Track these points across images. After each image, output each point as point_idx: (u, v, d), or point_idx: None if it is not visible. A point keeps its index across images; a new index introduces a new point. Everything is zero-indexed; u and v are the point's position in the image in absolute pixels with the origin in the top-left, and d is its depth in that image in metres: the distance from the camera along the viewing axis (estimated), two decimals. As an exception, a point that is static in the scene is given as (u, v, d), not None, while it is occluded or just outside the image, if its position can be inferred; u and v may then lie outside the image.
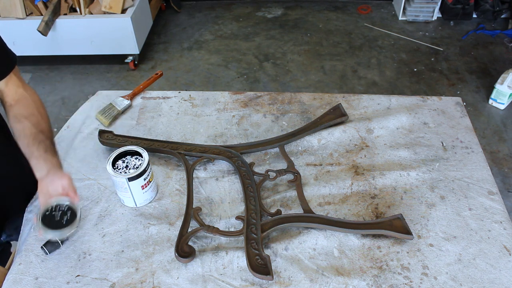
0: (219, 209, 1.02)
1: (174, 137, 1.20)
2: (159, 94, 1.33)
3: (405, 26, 3.31)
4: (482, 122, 2.54)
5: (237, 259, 0.92)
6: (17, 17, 2.75)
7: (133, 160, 1.00)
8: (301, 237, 0.95)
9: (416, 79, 2.84)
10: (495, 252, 0.92)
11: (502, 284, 0.87)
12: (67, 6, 2.79)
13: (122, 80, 2.92)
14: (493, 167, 2.27)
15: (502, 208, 1.00)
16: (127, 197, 1.00)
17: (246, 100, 1.30)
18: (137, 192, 0.99)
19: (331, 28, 3.32)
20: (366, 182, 1.07)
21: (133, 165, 0.98)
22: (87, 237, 0.97)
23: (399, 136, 1.18)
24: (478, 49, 3.08)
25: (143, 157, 0.99)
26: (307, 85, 2.82)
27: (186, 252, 0.91)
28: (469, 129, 1.20)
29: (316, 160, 1.13)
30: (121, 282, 0.88)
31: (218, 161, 1.13)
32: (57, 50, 2.90)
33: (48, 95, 2.84)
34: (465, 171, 1.09)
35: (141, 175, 0.97)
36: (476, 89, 2.76)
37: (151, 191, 1.02)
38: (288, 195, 1.05)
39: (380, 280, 0.88)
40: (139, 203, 1.02)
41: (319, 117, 1.21)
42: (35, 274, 0.90)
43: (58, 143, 1.21)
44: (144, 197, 1.01)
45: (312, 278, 0.88)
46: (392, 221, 0.95)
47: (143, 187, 0.99)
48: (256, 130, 1.22)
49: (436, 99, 1.30)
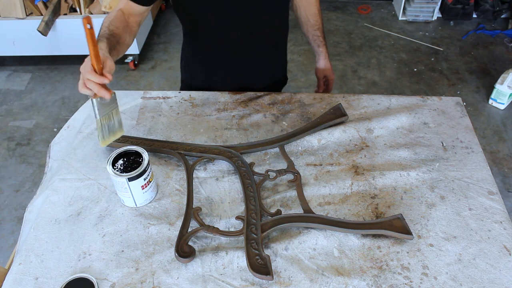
0: (219, 209, 1.02)
1: (174, 137, 1.20)
2: (159, 94, 1.33)
3: (405, 26, 3.31)
4: (482, 122, 2.54)
5: (237, 259, 0.92)
6: (17, 17, 2.75)
7: (133, 160, 1.00)
8: (301, 237, 0.95)
9: (416, 79, 2.84)
10: (495, 252, 0.92)
11: (502, 284, 0.87)
12: (67, 6, 2.79)
13: (122, 80, 2.92)
14: (493, 167, 2.27)
15: (502, 208, 1.00)
16: (127, 197, 1.00)
17: (246, 100, 1.30)
18: (137, 192, 0.99)
19: (331, 28, 3.32)
20: (366, 182, 1.07)
21: (133, 165, 0.98)
22: (87, 237, 0.97)
23: (399, 136, 1.18)
24: (478, 49, 3.08)
25: (143, 157, 0.99)
26: (307, 85, 2.82)
27: (186, 252, 0.91)
28: (469, 129, 1.20)
29: (316, 160, 1.13)
30: (121, 282, 0.88)
31: (218, 161, 1.13)
32: (57, 50, 2.90)
33: (48, 95, 2.84)
34: (465, 171, 1.09)
35: (141, 175, 0.97)
36: (476, 89, 2.77)
37: (151, 191, 1.03)
38: (288, 195, 1.05)
39: (380, 280, 0.88)
40: (139, 203, 1.02)
41: (319, 117, 1.21)
42: (35, 274, 0.90)
43: (58, 143, 1.21)
44: (144, 197, 1.01)
45: (312, 278, 0.88)
46: (392, 221, 0.95)
47: (143, 187, 0.99)
48: (256, 130, 1.22)
49: (436, 99, 1.30)
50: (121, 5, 1.17)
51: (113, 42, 1.06)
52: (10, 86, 2.92)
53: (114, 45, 1.06)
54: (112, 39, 1.06)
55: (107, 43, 1.03)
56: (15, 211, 2.15)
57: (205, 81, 1.40)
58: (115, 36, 1.08)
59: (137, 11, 1.19)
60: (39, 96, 2.83)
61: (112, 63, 0.97)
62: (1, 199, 2.21)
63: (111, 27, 1.09)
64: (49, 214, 1.01)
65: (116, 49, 1.07)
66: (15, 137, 2.55)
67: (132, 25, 1.19)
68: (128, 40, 1.15)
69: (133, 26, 1.19)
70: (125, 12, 1.17)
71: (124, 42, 1.12)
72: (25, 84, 2.94)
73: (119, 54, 1.09)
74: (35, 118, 2.67)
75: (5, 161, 2.41)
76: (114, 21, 1.11)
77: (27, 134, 2.57)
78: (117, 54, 1.08)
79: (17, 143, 2.51)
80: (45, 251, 0.94)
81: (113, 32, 1.08)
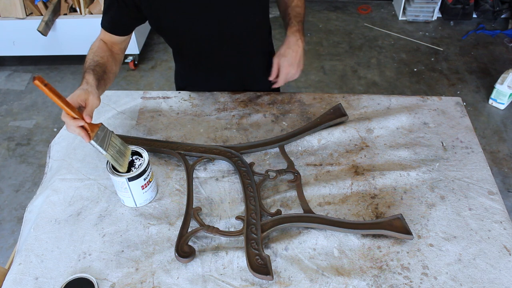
0: (219, 209, 1.02)
1: (174, 137, 1.20)
2: (159, 94, 1.33)
3: (405, 26, 3.31)
4: (482, 122, 2.54)
5: (237, 259, 0.92)
6: (17, 17, 2.75)
7: (133, 160, 1.00)
8: (301, 237, 0.95)
9: (416, 79, 2.84)
10: (495, 252, 0.92)
11: (502, 284, 0.87)
12: (67, 6, 2.79)
13: (122, 80, 2.93)
14: (493, 167, 2.27)
15: (502, 208, 1.00)
16: (127, 197, 1.00)
17: (246, 100, 1.30)
18: (137, 192, 0.99)
19: (331, 28, 3.32)
20: (366, 182, 1.07)
21: (133, 165, 0.98)
22: (87, 237, 0.97)
23: (399, 136, 1.18)
24: (478, 49, 3.08)
25: (143, 157, 0.99)
26: (307, 85, 2.82)
27: (186, 252, 0.91)
28: (469, 129, 1.20)
29: (316, 160, 1.13)
30: (121, 282, 0.88)
31: (218, 161, 1.13)
32: (57, 50, 2.90)
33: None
34: (465, 171, 1.09)
35: (141, 175, 0.97)
36: (476, 89, 2.76)
37: (151, 191, 1.03)
38: (288, 195, 1.05)
39: (380, 280, 0.88)
40: (139, 203, 1.02)
41: (319, 117, 1.21)
42: (35, 274, 0.90)
43: (58, 143, 1.21)
44: (144, 197, 1.01)
45: (312, 278, 0.88)
46: (392, 221, 0.95)
47: (143, 187, 0.99)
48: (256, 130, 1.22)
49: (436, 99, 1.30)
50: (101, 35, 1.19)
51: (99, 72, 1.07)
52: (10, 86, 2.92)
53: (101, 75, 1.07)
54: (98, 70, 1.07)
55: (93, 75, 1.04)
56: (15, 211, 2.15)
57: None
58: (101, 66, 1.09)
59: (119, 40, 1.19)
60: (39, 96, 2.83)
61: (94, 99, 0.97)
62: (1, 199, 2.21)
63: (95, 58, 1.10)
64: (49, 214, 1.01)
65: (103, 79, 1.08)
66: (15, 137, 2.55)
67: (116, 53, 1.20)
68: (114, 68, 1.16)
69: (117, 53, 1.20)
70: (107, 42, 1.18)
71: (111, 71, 1.13)
72: (25, 84, 2.94)
73: (106, 84, 1.10)
74: (35, 118, 2.67)
75: (5, 161, 2.41)
76: (98, 51, 1.12)
77: (27, 134, 2.57)
78: (104, 84, 1.08)
79: (17, 143, 2.51)
80: (45, 251, 0.94)
81: (98, 62, 1.09)
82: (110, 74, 1.13)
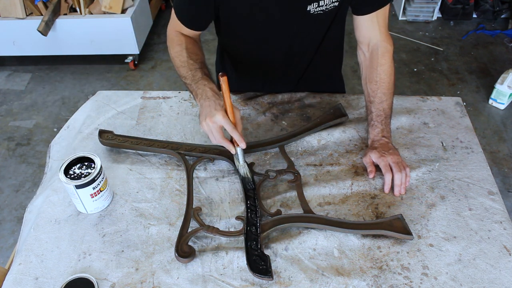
0: (219, 209, 1.02)
1: (174, 137, 1.20)
2: (159, 94, 1.33)
3: (405, 26, 3.31)
4: (482, 122, 2.54)
5: (237, 259, 0.92)
6: (17, 17, 2.75)
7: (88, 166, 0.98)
8: (301, 237, 0.95)
9: (416, 79, 2.84)
10: (495, 252, 0.92)
11: (502, 284, 0.87)
12: (67, 6, 2.79)
13: (122, 80, 2.93)
14: (493, 167, 2.27)
15: (502, 208, 1.00)
16: (78, 203, 0.98)
17: (246, 100, 1.30)
18: (87, 199, 0.97)
19: (331, 28, 3.31)
20: (366, 182, 1.07)
21: (88, 172, 0.96)
22: (87, 237, 0.97)
23: (399, 136, 1.18)
24: (478, 49, 3.08)
25: (95, 164, 0.97)
26: (307, 85, 2.81)
27: (186, 252, 0.91)
28: (469, 129, 1.20)
29: (316, 160, 1.13)
30: (121, 282, 0.88)
31: (218, 161, 1.13)
32: (57, 50, 2.90)
33: (48, 95, 2.84)
34: (465, 171, 1.09)
35: (89, 184, 0.95)
36: (476, 89, 2.77)
37: (103, 199, 1.00)
38: (288, 195, 1.05)
39: (380, 280, 0.88)
40: (90, 210, 1.00)
41: (319, 117, 1.21)
42: (35, 274, 0.90)
43: (58, 143, 1.21)
44: (94, 205, 0.99)
45: (312, 278, 0.88)
46: (392, 221, 0.95)
47: (92, 195, 0.97)
48: (255, 130, 1.22)
49: (436, 99, 1.30)
50: (177, 27, 1.14)
51: (206, 71, 1.07)
52: (10, 86, 2.92)
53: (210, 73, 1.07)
54: (206, 71, 1.07)
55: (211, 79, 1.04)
56: (15, 211, 2.15)
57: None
58: (201, 62, 1.09)
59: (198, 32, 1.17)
60: (39, 96, 2.83)
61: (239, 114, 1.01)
62: (1, 199, 2.21)
63: (193, 56, 1.09)
64: (49, 214, 1.01)
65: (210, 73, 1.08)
66: (15, 137, 2.55)
67: (199, 41, 1.18)
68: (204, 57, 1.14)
69: (200, 41, 1.19)
70: (189, 34, 1.15)
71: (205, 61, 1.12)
72: (25, 84, 2.94)
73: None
74: (35, 118, 2.67)
75: (5, 161, 2.41)
76: (190, 49, 1.10)
77: (27, 134, 2.57)
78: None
79: (17, 143, 2.51)
80: (45, 251, 0.94)
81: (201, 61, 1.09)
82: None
